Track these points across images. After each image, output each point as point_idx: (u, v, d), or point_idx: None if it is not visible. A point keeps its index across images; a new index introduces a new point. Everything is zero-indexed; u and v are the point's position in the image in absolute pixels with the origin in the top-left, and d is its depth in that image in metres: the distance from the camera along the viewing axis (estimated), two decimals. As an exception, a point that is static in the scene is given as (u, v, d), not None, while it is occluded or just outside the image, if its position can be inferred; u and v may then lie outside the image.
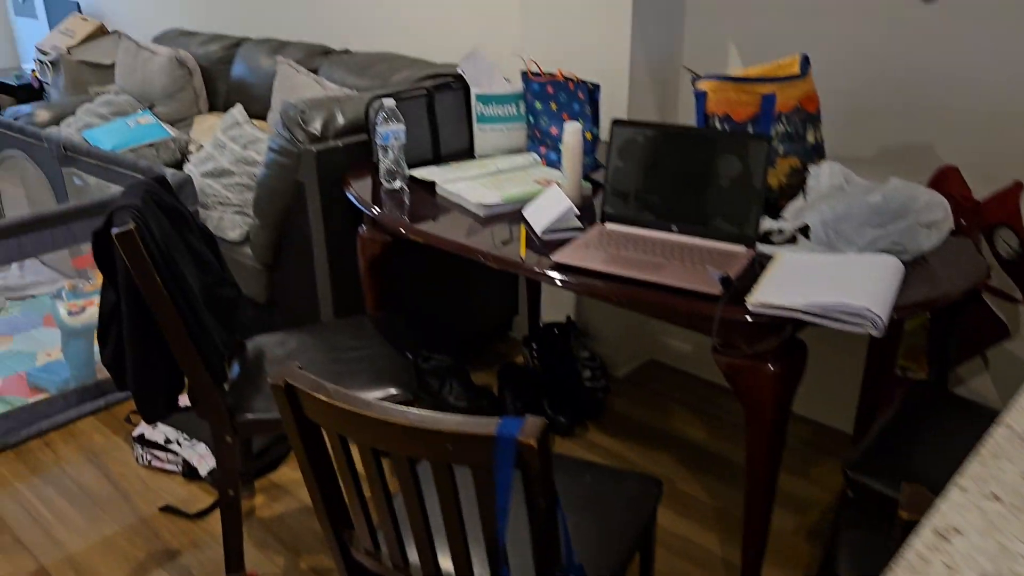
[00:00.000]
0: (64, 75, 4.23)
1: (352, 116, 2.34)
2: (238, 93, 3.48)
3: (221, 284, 1.90)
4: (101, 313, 1.78)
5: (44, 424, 2.46)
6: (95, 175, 2.94)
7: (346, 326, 2.06)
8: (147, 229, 1.62)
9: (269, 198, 2.38)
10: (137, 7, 4.52)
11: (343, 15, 3.37)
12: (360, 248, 2.13)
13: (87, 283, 2.68)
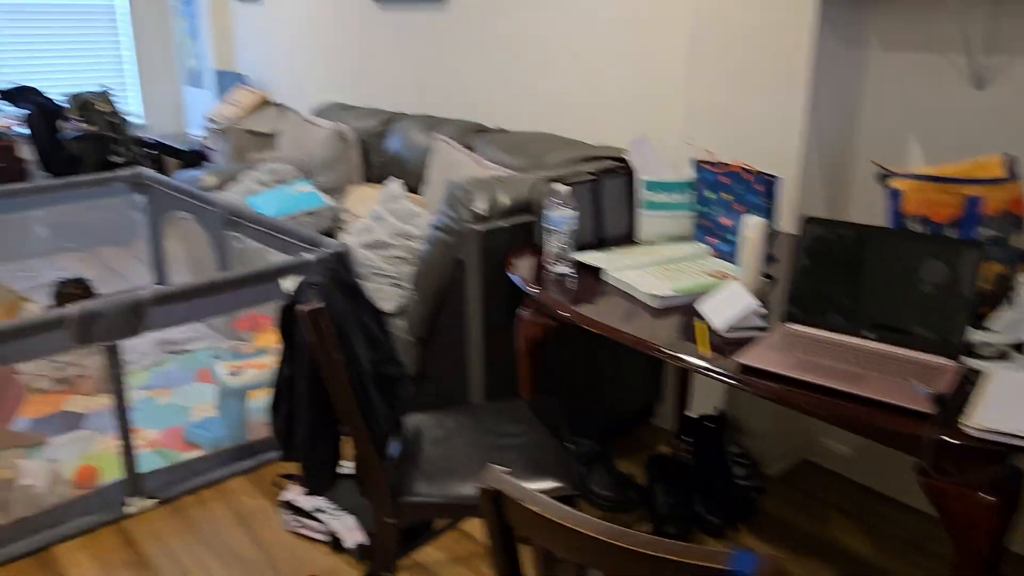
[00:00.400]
0: (229, 142, 4.50)
1: (516, 197, 2.37)
2: (392, 166, 3.60)
3: (388, 361, 1.92)
4: (276, 382, 1.83)
5: (198, 481, 2.52)
6: (256, 240, 3.08)
7: (502, 410, 2.04)
8: (330, 306, 1.66)
9: (429, 273, 2.42)
10: (299, 82, 4.79)
11: (497, 94, 3.46)
12: (520, 330, 2.11)
13: (246, 345, 2.78)
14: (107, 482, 2.49)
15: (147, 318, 2.27)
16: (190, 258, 3.88)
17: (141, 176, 3.75)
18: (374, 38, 4.09)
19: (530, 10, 3.22)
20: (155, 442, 2.75)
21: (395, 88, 4.03)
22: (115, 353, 2.26)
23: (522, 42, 3.29)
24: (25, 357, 2.09)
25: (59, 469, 2.43)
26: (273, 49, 4.98)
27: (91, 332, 2.18)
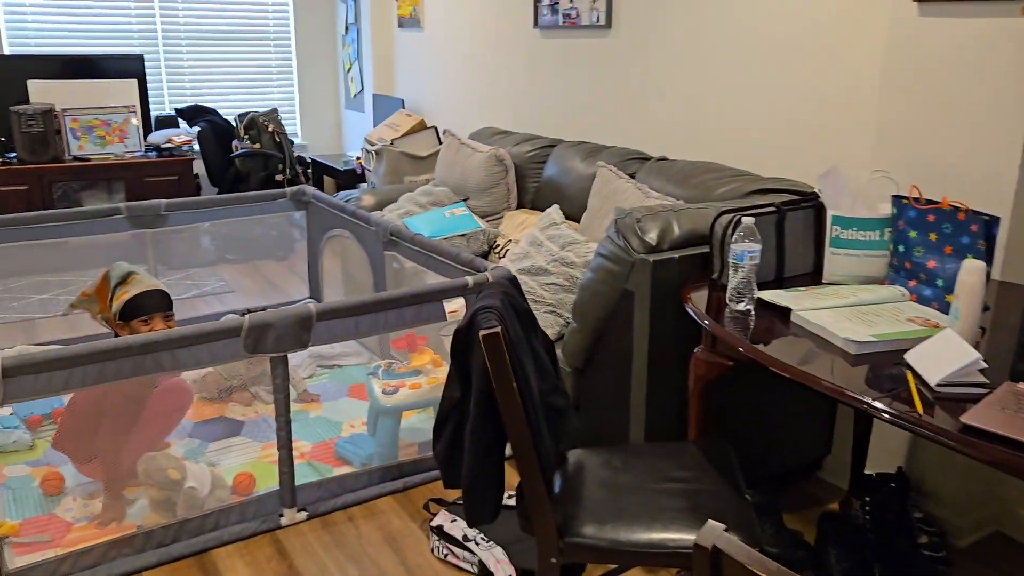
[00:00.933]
0: (385, 164, 4.60)
1: (688, 228, 2.26)
2: (548, 192, 3.56)
3: (555, 392, 1.85)
4: (442, 406, 1.79)
5: (349, 498, 2.53)
6: (413, 260, 3.09)
7: (671, 452, 1.92)
8: (506, 331, 1.60)
9: (592, 303, 2.34)
10: (456, 106, 4.86)
11: (660, 121, 3.36)
12: (693, 368, 2.00)
13: (401, 364, 2.78)
14: (263, 491, 2.53)
15: (314, 331, 2.30)
16: (346, 275, 3.97)
17: (304, 194, 3.87)
18: (533, 64, 4.09)
19: (699, 35, 3.11)
20: (306, 454, 2.79)
21: (553, 114, 4.01)
22: (283, 364, 2.29)
23: (689, 68, 3.19)
24: (198, 364, 2.15)
25: (220, 474, 2.49)
26: (432, 74, 5.08)
27: (261, 342, 2.22)
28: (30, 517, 2.41)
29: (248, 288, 4.66)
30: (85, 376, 1.99)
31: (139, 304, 2.56)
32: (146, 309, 2.57)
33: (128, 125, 4.95)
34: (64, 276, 4.78)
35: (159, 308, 2.59)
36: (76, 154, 4.82)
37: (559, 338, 2.66)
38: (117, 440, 2.43)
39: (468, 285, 2.53)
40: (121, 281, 2.59)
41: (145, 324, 2.56)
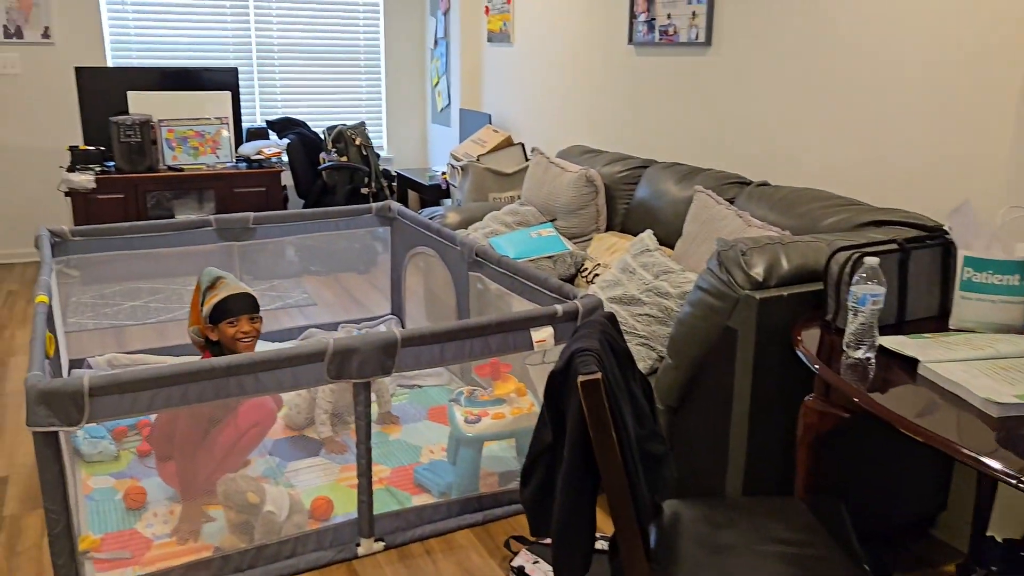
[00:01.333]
0: (470, 180, 4.54)
1: (798, 263, 2.10)
2: (639, 215, 3.43)
3: (653, 438, 1.72)
4: (532, 450, 1.68)
5: (427, 529, 2.44)
6: (498, 282, 3.00)
7: (776, 509, 1.77)
8: (604, 375, 1.49)
9: (689, 339, 2.20)
10: (544, 123, 4.77)
11: (762, 144, 3.20)
12: (803, 417, 1.84)
13: (484, 392, 2.69)
14: (340, 518, 2.47)
15: (398, 358, 2.23)
16: (428, 293, 3.91)
17: (389, 209, 3.83)
18: (626, 82, 3.97)
19: (808, 54, 2.94)
20: (384, 479, 2.72)
21: (645, 133, 3.88)
22: (365, 391, 2.23)
23: (796, 88, 3.02)
24: (280, 388, 2.10)
25: (298, 498, 2.44)
26: (520, 90, 5.01)
27: (345, 368, 2.16)
28: (112, 531, 2.41)
29: (330, 301, 4.66)
30: (169, 397, 1.96)
31: (227, 307, 2.57)
32: (233, 311, 2.57)
33: (220, 136, 5.03)
34: (155, 283, 4.88)
35: (245, 310, 2.59)
36: (170, 164, 4.92)
37: (651, 372, 2.52)
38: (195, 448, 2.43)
39: (557, 314, 2.43)
40: (210, 286, 2.62)
41: (231, 326, 2.56)
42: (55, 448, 1.88)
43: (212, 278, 2.63)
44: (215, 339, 2.58)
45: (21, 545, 2.38)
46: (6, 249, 5.39)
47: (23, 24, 5.10)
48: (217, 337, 2.57)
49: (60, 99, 5.31)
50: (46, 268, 2.79)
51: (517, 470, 2.75)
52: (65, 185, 4.60)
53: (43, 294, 2.49)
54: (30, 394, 1.81)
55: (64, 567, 1.95)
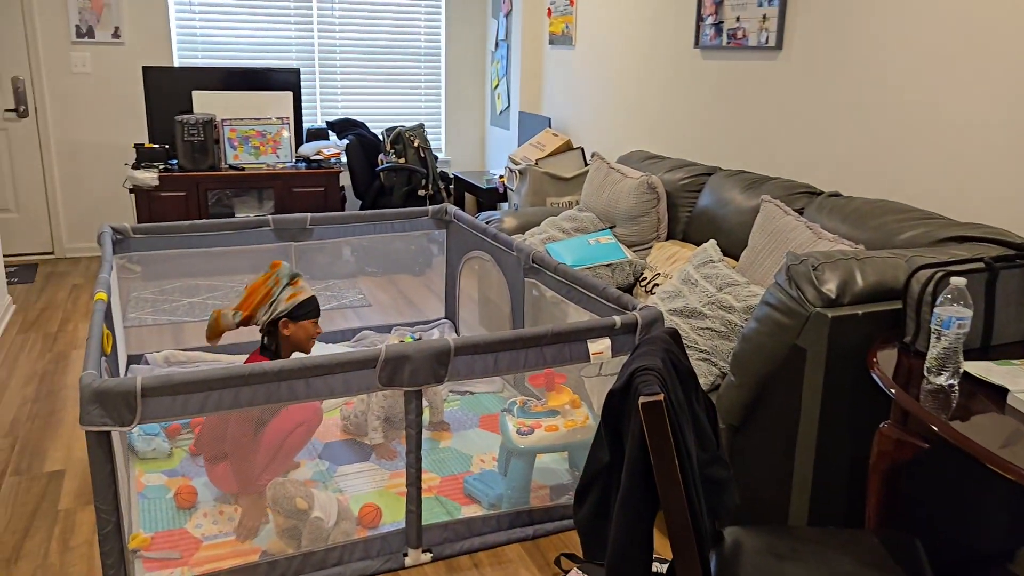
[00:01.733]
0: (528, 184, 4.48)
1: (875, 280, 1.99)
2: (702, 224, 3.32)
3: (716, 462, 1.64)
4: (587, 470, 1.61)
5: (476, 542, 2.39)
6: (554, 290, 2.93)
7: (845, 542, 1.66)
8: (667, 396, 1.41)
9: (754, 356, 2.10)
10: (605, 127, 4.69)
11: (834, 153, 3.07)
12: (877, 445, 1.73)
13: (538, 403, 2.62)
14: (388, 526, 2.43)
15: (451, 366, 2.18)
16: (483, 298, 3.86)
17: (446, 213, 3.80)
18: (692, 86, 3.87)
19: (885, 59, 2.81)
20: (434, 488, 2.67)
21: (710, 140, 3.77)
22: (417, 399, 2.18)
23: (871, 95, 2.88)
24: (332, 394, 2.07)
25: (346, 504, 2.41)
26: (581, 93, 4.93)
27: (397, 375, 2.12)
28: (162, 530, 2.41)
29: (384, 303, 4.64)
30: (220, 400, 1.94)
31: (313, 305, 2.64)
32: (313, 312, 2.65)
33: (281, 136, 5.07)
34: (213, 281, 4.93)
35: (319, 313, 2.69)
36: (231, 163, 4.97)
37: (712, 389, 2.43)
38: (248, 447, 2.42)
39: (615, 325, 2.35)
40: (291, 282, 2.63)
41: (315, 325, 2.64)
42: (107, 447, 1.87)
43: (291, 274, 2.65)
44: (287, 333, 2.57)
45: (74, 540, 2.39)
46: (73, 243, 5.51)
47: (95, 24, 5.21)
48: (290, 332, 2.57)
49: (128, 98, 5.41)
50: (107, 265, 2.82)
51: (569, 484, 2.67)
52: (130, 182, 4.68)
53: (102, 291, 2.50)
54: (84, 393, 1.81)
55: (113, 567, 1.94)
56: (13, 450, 2.89)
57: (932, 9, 2.63)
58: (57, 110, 5.28)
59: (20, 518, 2.49)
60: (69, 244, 5.51)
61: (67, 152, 5.37)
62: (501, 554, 2.38)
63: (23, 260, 5.40)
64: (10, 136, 5.24)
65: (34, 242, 5.44)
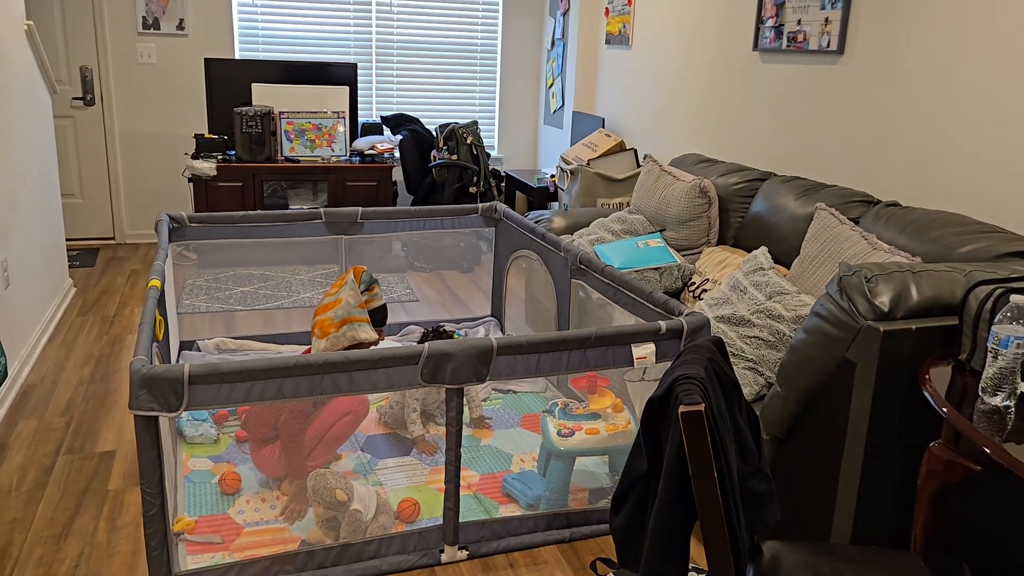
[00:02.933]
0: (579, 184, 4.46)
1: (930, 294, 1.93)
2: (753, 230, 3.27)
3: (756, 475, 1.60)
4: (624, 477, 1.60)
5: (512, 542, 2.38)
6: (600, 291, 2.91)
7: (890, 563, 1.62)
8: (708, 406, 1.39)
9: (802, 368, 2.05)
10: (658, 129, 4.64)
11: (894, 160, 2.99)
12: (927, 464, 1.68)
13: (579, 406, 2.61)
14: (426, 521, 2.44)
15: (493, 365, 2.18)
16: (529, 297, 3.86)
17: (495, 211, 3.80)
18: (748, 90, 3.80)
19: (953, 65, 2.72)
20: (473, 485, 2.68)
21: (765, 144, 3.70)
22: (458, 397, 2.19)
23: (935, 101, 2.80)
24: (374, 388, 2.08)
25: (385, 498, 2.43)
26: (636, 94, 4.89)
27: (439, 373, 2.13)
28: (206, 515, 2.46)
29: (432, 299, 4.67)
30: (264, 390, 1.97)
31: (380, 315, 2.76)
32: (379, 321, 2.75)
33: (336, 131, 5.13)
34: (265, 270, 5.02)
35: (385, 323, 2.80)
36: (287, 155, 5.05)
37: (757, 399, 2.39)
38: (299, 432, 2.46)
39: (660, 330, 2.32)
40: (368, 288, 2.72)
41: (379, 333, 2.71)
42: (154, 432, 1.92)
43: (370, 281, 2.74)
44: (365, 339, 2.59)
45: (121, 520, 2.46)
46: (133, 229, 5.66)
47: (160, 16, 5.34)
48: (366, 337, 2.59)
49: (190, 89, 5.54)
50: (162, 253, 2.88)
51: (608, 487, 2.66)
52: (188, 171, 4.78)
53: (156, 278, 2.56)
54: (133, 379, 1.85)
55: (156, 548, 1.98)
56: (68, 429, 2.97)
57: (1003, 15, 2.54)
58: (122, 99, 5.43)
59: (71, 496, 2.56)
60: (129, 230, 5.66)
61: (130, 140, 5.51)
62: (537, 555, 2.37)
63: (85, 244, 5.56)
64: (77, 124, 5.40)
65: (96, 227, 5.60)
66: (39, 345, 3.66)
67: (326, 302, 2.62)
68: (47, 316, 3.90)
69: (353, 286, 2.60)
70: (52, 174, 4.26)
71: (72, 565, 2.24)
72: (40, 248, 3.88)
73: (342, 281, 2.63)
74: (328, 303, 2.61)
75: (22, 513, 2.46)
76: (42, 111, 4.11)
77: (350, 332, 2.54)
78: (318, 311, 2.61)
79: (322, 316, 2.58)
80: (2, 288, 3.20)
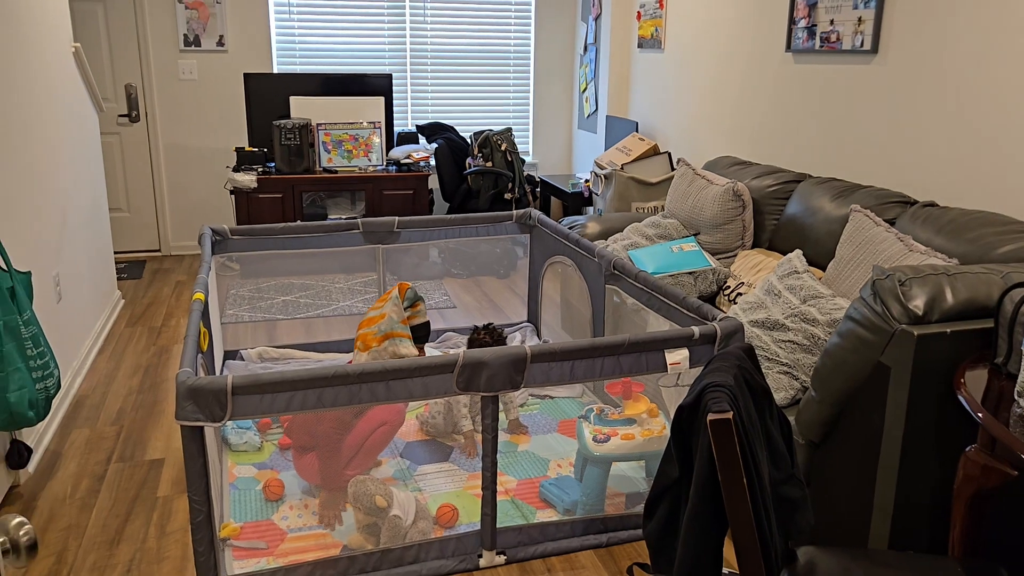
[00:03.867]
0: (613, 188, 4.48)
1: (966, 297, 1.92)
2: (788, 232, 3.25)
3: (789, 481, 1.61)
4: (657, 483, 1.61)
5: (549, 547, 2.41)
6: (635, 297, 2.93)
7: (927, 569, 1.61)
8: (738, 414, 1.40)
9: (836, 373, 2.05)
10: (692, 132, 4.63)
11: (929, 161, 2.96)
12: (963, 469, 1.67)
13: (615, 411, 2.63)
14: (464, 528, 2.48)
15: (527, 373, 2.21)
16: (564, 303, 3.88)
17: (530, 217, 3.83)
18: (782, 91, 3.79)
19: (986, 64, 2.69)
20: (510, 491, 2.71)
21: (799, 146, 3.68)
22: (494, 404, 2.22)
23: (971, 100, 2.76)
24: (410, 397, 2.12)
25: (424, 503, 2.47)
26: (669, 98, 4.89)
27: (473, 381, 2.16)
28: (251, 521, 2.52)
29: (469, 305, 4.72)
30: (304, 400, 2.03)
31: (423, 332, 2.84)
32: (422, 339, 2.85)
33: (373, 141, 5.21)
34: (306, 280, 5.11)
35: (427, 340, 2.89)
36: (325, 166, 5.14)
37: (793, 403, 2.38)
38: (337, 441, 2.52)
39: (694, 336, 2.33)
40: (412, 304, 2.76)
41: (420, 349, 2.82)
42: (200, 442, 1.98)
43: (415, 298, 2.81)
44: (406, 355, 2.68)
45: (170, 526, 2.53)
46: (177, 242, 5.81)
47: (201, 33, 5.48)
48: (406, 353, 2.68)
49: (230, 103, 5.66)
50: (205, 266, 2.96)
51: (645, 492, 2.67)
52: (230, 184, 4.90)
53: (200, 291, 2.64)
54: (179, 390, 1.92)
55: (204, 554, 2.05)
56: (119, 438, 3.07)
57: (1039, 11, 2.51)
58: (165, 115, 5.58)
59: (123, 503, 2.65)
60: (174, 242, 5.80)
61: (173, 155, 5.66)
62: (574, 560, 2.39)
63: (132, 257, 5.72)
64: (123, 140, 5.55)
65: (143, 240, 5.76)
66: (90, 356, 3.78)
67: (371, 315, 2.68)
68: (97, 328, 4.03)
69: (397, 302, 2.66)
70: (100, 190, 4.39)
71: (124, 570, 2.32)
72: (90, 262, 4.00)
73: (388, 296, 2.69)
74: (372, 317, 2.67)
75: (76, 519, 2.55)
76: (90, 129, 4.24)
77: (391, 347, 2.60)
78: (362, 324, 2.67)
79: (366, 330, 2.64)
80: (55, 302, 3.31)
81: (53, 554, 2.38)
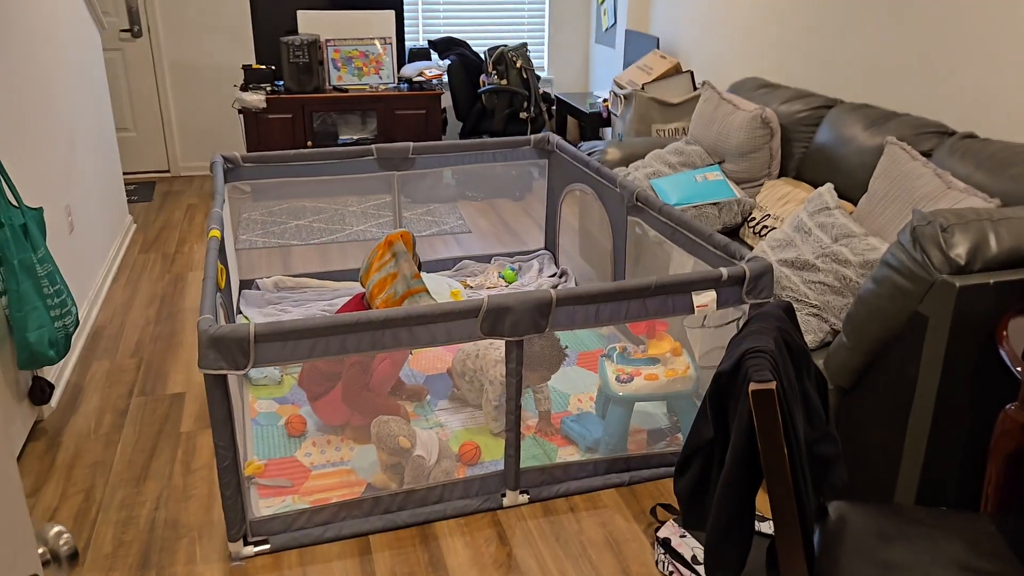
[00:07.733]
0: (633, 109, 4.33)
1: (1011, 244, 1.85)
2: (817, 161, 3.15)
3: (824, 439, 1.59)
4: (689, 441, 1.59)
5: (572, 486, 2.42)
6: (657, 229, 2.86)
7: (959, 525, 1.60)
8: (781, 384, 1.36)
9: (870, 320, 2.00)
10: (717, 50, 4.45)
11: (971, 87, 2.82)
12: (1000, 429, 1.64)
13: (638, 350, 2.60)
14: (487, 465, 2.49)
15: (552, 317, 2.17)
16: (583, 232, 3.82)
17: (548, 142, 3.72)
18: (814, 8, 3.60)
19: (1043, -12, 2.53)
20: (532, 426, 2.71)
21: (832, 68, 3.53)
22: (518, 349, 2.19)
23: (1018, 20, 2.61)
24: (434, 342, 2.09)
25: (445, 440, 2.47)
26: (693, 12, 4.68)
27: (497, 326, 2.13)
28: (275, 458, 2.54)
29: (484, 229, 4.65)
30: (328, 346, 2.00)
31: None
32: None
33: (383, 58, 5.04)
34: (318, 203, 5.04)
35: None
36: (335, 84, 4.99)
37: (822, 346, 2.34)
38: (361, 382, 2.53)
39: (722, 278, 2.27)
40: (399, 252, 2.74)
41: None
42: (224, 389, 1.96)
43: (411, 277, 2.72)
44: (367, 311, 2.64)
45: (195, 463, 2.55)
46: (187, 162, 5.71)
47: (203, -58, 5.23)
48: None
49: (236, 19, 5.46)
50: (219, 199, 2.90)
51: (667, 428, 2.67)
52: (238, 103, 4.77)
53: (215, 228, 2.58)
54: (202, 339, 1.89)
55: (231, 498, 2.06)
56: (139, 371, 3.08)
57: (1101, -71, 2.34)
58: (169, 30, 5.39)
59: (147, 438, 2.67)
60: (184, 163, 5.70)
61: (179, 72, 5.50)
62: (597, 499, 2.41)
63: (142, 178, 5.63)
64: (126, 56, 5.39)
65: (151, 160, 5.66)
66: (105, 285, 3.76)
67: (380, 277, 2.61)
68: (111, 255, 3.99)
69: (406, 257, 2.59)
70: (106, 110, 4.28)
71: (152, 508, 2.35)
72: (100, 188, 3.93)
73: (385, 250, 2.61)
74: (382, 279, 2.60)
75: (102, 456, 2.57)
76: (92, 48, 4.10)
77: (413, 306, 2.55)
78: (375, 290, 2.61)
79: (382, 296, 2.59)
80: (67, 233, 3.27)
81: (82, 491, 2.41)
